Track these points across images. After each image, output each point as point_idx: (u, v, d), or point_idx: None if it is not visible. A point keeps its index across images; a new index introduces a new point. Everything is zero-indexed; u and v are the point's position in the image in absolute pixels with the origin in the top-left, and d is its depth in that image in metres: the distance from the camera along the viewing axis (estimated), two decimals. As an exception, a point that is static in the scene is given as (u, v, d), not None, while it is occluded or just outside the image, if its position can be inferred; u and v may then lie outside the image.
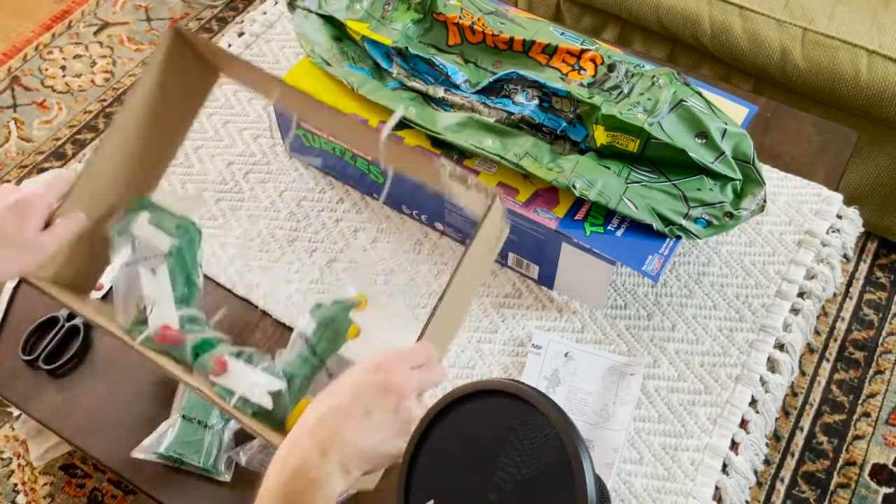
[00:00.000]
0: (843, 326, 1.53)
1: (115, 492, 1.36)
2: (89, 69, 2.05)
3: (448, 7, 1.00)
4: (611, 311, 0.92)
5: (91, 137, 1.91)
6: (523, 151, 0.87)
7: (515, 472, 0.67)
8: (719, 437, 0.83)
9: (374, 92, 0.94)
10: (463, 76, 0.96)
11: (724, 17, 1.44)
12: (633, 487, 0.80)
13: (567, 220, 0.85)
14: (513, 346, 0.90)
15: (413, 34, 1.00)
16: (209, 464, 0.80)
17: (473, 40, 0.99)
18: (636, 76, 0.90)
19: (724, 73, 1.52)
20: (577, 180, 0.84)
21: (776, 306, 0.92)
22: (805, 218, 0.99)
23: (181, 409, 0.82)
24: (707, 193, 0.84)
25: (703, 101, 0.87)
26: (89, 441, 0.84)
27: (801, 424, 1.41)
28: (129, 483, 0.82)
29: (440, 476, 0.70)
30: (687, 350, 0.89)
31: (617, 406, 0.83)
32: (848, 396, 1.44)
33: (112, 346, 0.90)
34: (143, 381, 0.88)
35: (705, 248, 0.97)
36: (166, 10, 2.18)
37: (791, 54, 1.39)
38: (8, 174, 1.84)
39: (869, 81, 1.34)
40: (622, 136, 0.85)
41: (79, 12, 2.18)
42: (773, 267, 0.95)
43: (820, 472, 1.36)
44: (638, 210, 0.83)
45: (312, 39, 1.01)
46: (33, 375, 0.89)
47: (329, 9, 1.02)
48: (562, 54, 0.95)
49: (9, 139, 1.91)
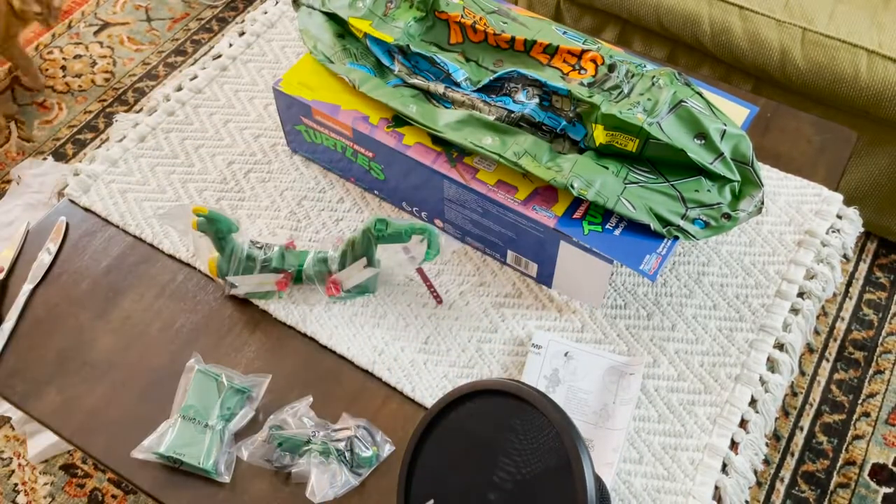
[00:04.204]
0: (843, 326, 1.53)
1: (115, 492, 1.36)
2: (89, 69, 2.05)
3: (450, 6, 1.00)
4: (610, 311, 0.92)
5: (91, 137, 1.91)
6: (522, 150, 0.87)
7: (515, 472, 0.67)
8: (719, 436, 0.83)
9: (375, 89, 0.94)
10: (464, 74, 0.96)
11: (724, 17, 1.44)
12: (632, 487, 0.80)
13: (565, 219, 0.85)
14: (513, 345, 0.90)
15: (415, 32, 1.00)
16: (209, 464, 0.80)
17: (475, 39, 1.00)
18: (636, 76, 0.90)
19: (724, 74, 1.53)
20: (576, 180, 0.84)
21: (776, 306, 0.92)
22: (805, 218, 0.99)
23: (181, 410, 0.82)
24: (705, 194, 0.85)
25: (703, 101, 0.87)
26: (89, 441, 0.84)
27: (801, 424, 1.41)
28: (129, 483, 0.82)
29: (440, 476, 0.71)
30: (687, 350, 0.89)
31: (617, 406, 0.83)
32: (848, 396, 1.45)
33: (112, 346, 0.91)
34: (143, 381, 0.88)
35: (705, 248, 0.97)
36: (166, 10, 2.18)
37: (791, 54, 1.39)
38: (8, 174, 1.84)
39: (869, 81, 1.34)
40: (621, 136, 0.85)
41: (79, 12, 2.18)
42: (773, 267, 0.95)
43: (820, 472, 1.36)
44: (636, 210, 0.84)
45: (315, 36, 1.01)
46: (33, 375, 0.89)
47: (332, 6, 1.02)
48: (563, 54, 0.95)
49: (9, 139, 1.91)
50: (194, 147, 1.08)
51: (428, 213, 0.98)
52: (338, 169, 1.03)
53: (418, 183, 0.93)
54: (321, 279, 0.92)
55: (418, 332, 0.91)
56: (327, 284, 0.92)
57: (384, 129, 0.93)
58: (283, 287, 0.92)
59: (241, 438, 0.83)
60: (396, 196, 0.99)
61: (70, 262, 0.98)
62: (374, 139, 0.92)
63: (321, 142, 1.00)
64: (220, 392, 0.83)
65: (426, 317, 0.92)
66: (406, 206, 1.00)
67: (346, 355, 0.89)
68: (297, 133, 1.03)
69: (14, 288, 0.96)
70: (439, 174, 0.90)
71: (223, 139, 1.09)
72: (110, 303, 0.94)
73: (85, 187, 1.04)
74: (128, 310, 0.93)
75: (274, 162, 1.07)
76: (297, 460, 0.80)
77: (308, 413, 0.83)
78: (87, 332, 0.92)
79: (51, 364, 0.90)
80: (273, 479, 0.81)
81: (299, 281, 0.93)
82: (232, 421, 0.83)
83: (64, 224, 1.01)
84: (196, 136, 1.10)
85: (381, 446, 0.82)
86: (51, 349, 0.90)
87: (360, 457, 0.80)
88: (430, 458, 0.72)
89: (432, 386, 0.86)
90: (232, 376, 0.84)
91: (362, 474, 0.80)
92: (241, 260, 0.90)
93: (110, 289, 0.95)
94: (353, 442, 0.80)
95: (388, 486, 0.81)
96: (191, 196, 1.03)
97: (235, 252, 0.90)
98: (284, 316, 0.92)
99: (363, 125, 0.93)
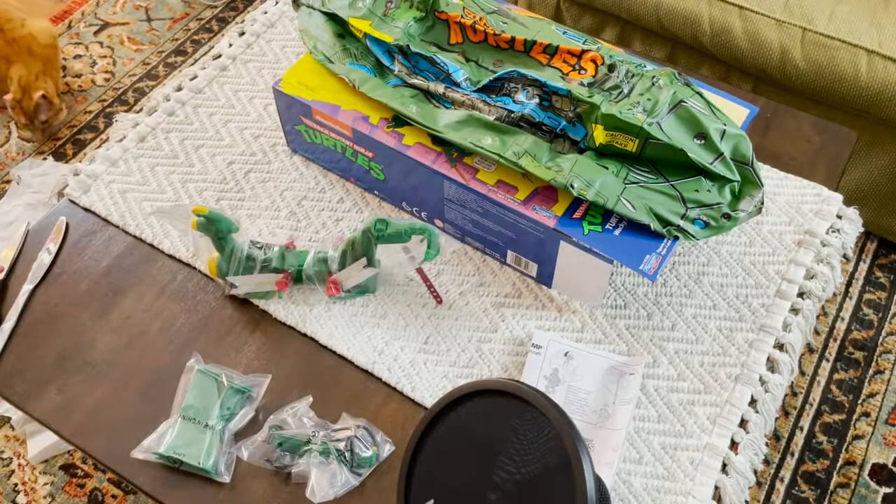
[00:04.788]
0: (843, 326, 1.53)
1: (115, 492, 1.36)
2: (89, 69, 2.05)
3: (450, 6, 1.00)
4: (610, 311, 0.92)
5: (91, 137, 1.91)
6: (522, 150, 0.87)
7: (515, 472, 0.67)
8: (719, 436, 0.83)
9: (375, 89, 0.94)
10: (464, 74, 0.96)
11: (723, 17, 1.44)
12: (632, 487, 0.80)
13: (565, 219, 0.85)
14: (513, 345, 0.90)
15: (415, 32, 1.00)
16: (209, 464, 0.80)
17: (475, 39, 1.00)
18: (636, 76, 0.90)
19: (723, 74, 1.53)
20: (576, 180, 0.84)
21: (776, 306, 0.92)
22: (805, 218, 0.99)
23: (181, 410, 0.82)
24: (705, 195, 0.85)
25: (703, 101, 0.87)
26: (89, 441, 0.84)
27: (801, 424, 1.41)
28: (129, 483, 0.82)
29: (440, 476, 0.71)
30: (687, 350, 0.89)
31: (616, 406, 0.83)
32: (847, 396, 1.45)
33: (112, 347, 0.91)
34: (142, 381, 0.88)
35: (705, 248, 0.97)
36: (166, 10, 2.18)
37: (791, 54, 1.39)
38: (8, 174, 1.84)
39: (868, 81, 1.34)
40: (621, 136, 0.85)
41: (79, 12, 2.18)
42: (772, 267, 0.95)
43: (820, 472, 1.36)
44: (635, 210, 0.84)
45: (315, 36, 1.01)
46: (33, 375, 0.89)
47: (332, 6, 1.02)
48: (563, 54, 0.95)
49: (9, 139, 1.91)
50: (194, 147, 1.09)
51: (428, 213, 0.98)
52: (338, 169, 1.03)
53: (418, 183, 0.93)
54: (321, 279, 0.92)
55: (418, 332, 0.91)
56: (327, 284, 0.92)
57: (384, 129, 0.93)
58: (283, 287, 0.92)
59: (241, 438, 0.83)
60: (396, 196, 0.99)
61: (70, 262, 0.98)
62: (374, 139, 0.92)
63: (321, 142, 1.00)
64: (219, 392, 0.83)
65: (426, 317, 0.92)
66: (406, 206, 1.00)
67: (346, 355, 0.89)
68: (297, 133, 1.03)
69: (14, 288, 0.96)
70: (439, 174, 0.90)
71: (223, 139, 1.09)
72: (110, 303, 0.94)
73: (85, 187, 1.04)
74: (128, 310, 0.93)
75: (274, 162, 1.07)
76: (297, 460, 0.80)
77: (308, 413, 0.83)
78: (87, 332, 0.92)
79: (51, 364, 0.90)
80: (273, 479, 0.81)
81: (299, 281, 0.93)
82: (232, 421, 0.83)
83: (64, 224, 1.01)
84: (196, 136, 1.10)
85: (381, 446, 0.82)
86: (51, 349, 0.91)
87: (360, 457, 0.80)
88: (430, 458, 0.72)
89: (432, 386, 0.86)
90: (232, 376, 0.84)
91: (362, 474, 0.80)
92: (241, 260, 0.90)
93: (110, 289, 0.95)
94: (353, 442, 0.80)
95: (388, 486, 0.81)
96: (191, 196, 1.03)
97: (235, 252, 0.90)
98: (284, 316, 0.92)
99: (363, 125, 0.93)
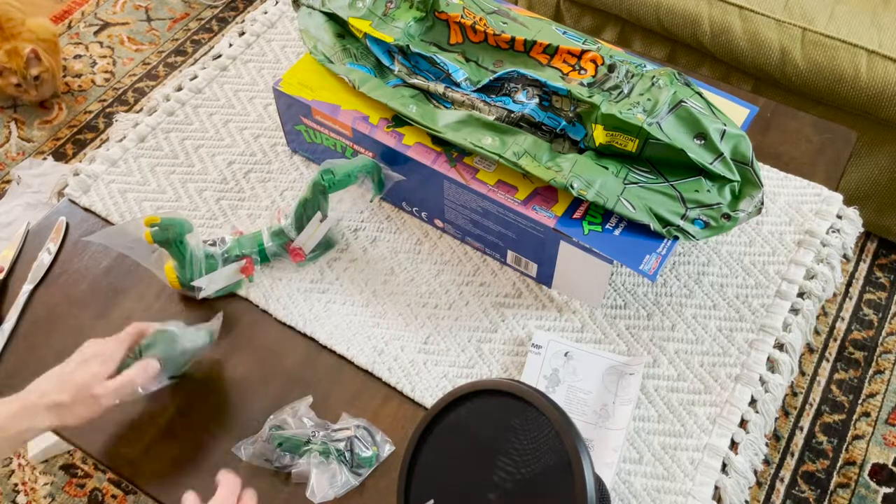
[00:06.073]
0: (843, 326, 1.53)
1: (115, 492, 1.36)
2: (89, 69, 2.05)
3: (450, 6, 1.00)
4: (610, 311, 0.92)
5: (91, 137, 1.91)
6: (522, 150, 0.87)
7: (515, 471, 0.67)
8: (719, 436, 0.83)
9: (375, 89, 0.94)
10: (464, 74, 0.96)
11: (723, 17, 1.44)
12: (632, 487, 0.80)
13: (565, 219, 0.85)
14: (513, 345, 0.90)
15: (415, 32, 1.00)
16: None
17: (475, 39, 1.00)
18: (636, 76, 0.90)
19: (723, 74, 1.53)
20: (575, 180, 0.84)
21: (776, 306, 0.92)
22: (805, 218, 0.99)
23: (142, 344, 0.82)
24: (704, 195, 0.85)
25: (703, 102, 0.87)
26: (89, 441, 0.84)
27: (801, 424, 1.41)
28: (130, 483, 0.82)
29: (440, 475, 0.71)
30: (687, 350, 0.89)
31: (616, 406, 0.83)
32: (848, 396, 1.45)
33: (112, 346, 0.91)
34: (143, 381, 0.88)
35: (705, 248, 0.97)
36: (166, 10, 2.18)
37: (791, 54, 1.39)
38: (8, 174, 1.84)
39: (869, 81, 1.34)
40: (621, 136, 0.85)
41: (79, 12, 2.18)
42: (773, 267, 0.95)
43: (820, 472, 1.36)
44: (635, 211, 0.84)
45: (315, 36, 1.01)
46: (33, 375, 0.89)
47: (332, 6, 1.02)
48: (563, 54, 0.95)
49: (9, 139, 1.91)
50: (194, 147, 1.08)
51: (428, 213, 0.98)
52: (338, 169, 1.03)
53: (418, 183, 0.93)
54: (285, 250, 0.94)
55: (418, 332, 0.91)
56: (291, 254, 0.94)
57: (384, 129, 0.93)
58: (250, 271, 0.93)
59: (241, 439, 0.83)
60: (396, 196, 0.99)
61: (70, 262, 0.98)
62: (374, 139, 0.92)
63: (321, 142, 1.00)
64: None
65: (426, 317, 0.92)
66: (406, 206, 1.00)
67: (346, 355, 0.89)
68: (297, 133, 1.03)
69: (14, 288, 0.96)
70: (439, 174, 0.90)
71: (223, 139, 1.09)
72: (110, 303, 0.94)
73: (85, 187, 1.04)
74: (128, 310, 0.93)
75: (274, 162, 1.07)
76: (297, 460, 0.80)
77: (308, 413, 0.83)
78: (87, 332, 0.92)
79: (51, 364, 0.89)
80: (273, 479, 0.81)
81: (266, 260, 0.95)
82: None
83: (64, 224, 1.01)
84: (196, 136, 1.10)
85: (381, 446, 0.82)
86: (51, 349, 0.90)
87: (360, 457, 0.80)
88: (430, 458, 0.72)
89: (432, 386, 0.86)
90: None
91: (362, 474, 0.80)
92: (201, 260, 0.90)
93: (110, 289, 0.95)
94: (353, 442, 0.80)
95: (388, 486, 0.81)
96: (191, 196, 1.03)
97: (195, 255, 0.89)
98: (284, 316, 0.92)
99: (363, 125, 0.93)
